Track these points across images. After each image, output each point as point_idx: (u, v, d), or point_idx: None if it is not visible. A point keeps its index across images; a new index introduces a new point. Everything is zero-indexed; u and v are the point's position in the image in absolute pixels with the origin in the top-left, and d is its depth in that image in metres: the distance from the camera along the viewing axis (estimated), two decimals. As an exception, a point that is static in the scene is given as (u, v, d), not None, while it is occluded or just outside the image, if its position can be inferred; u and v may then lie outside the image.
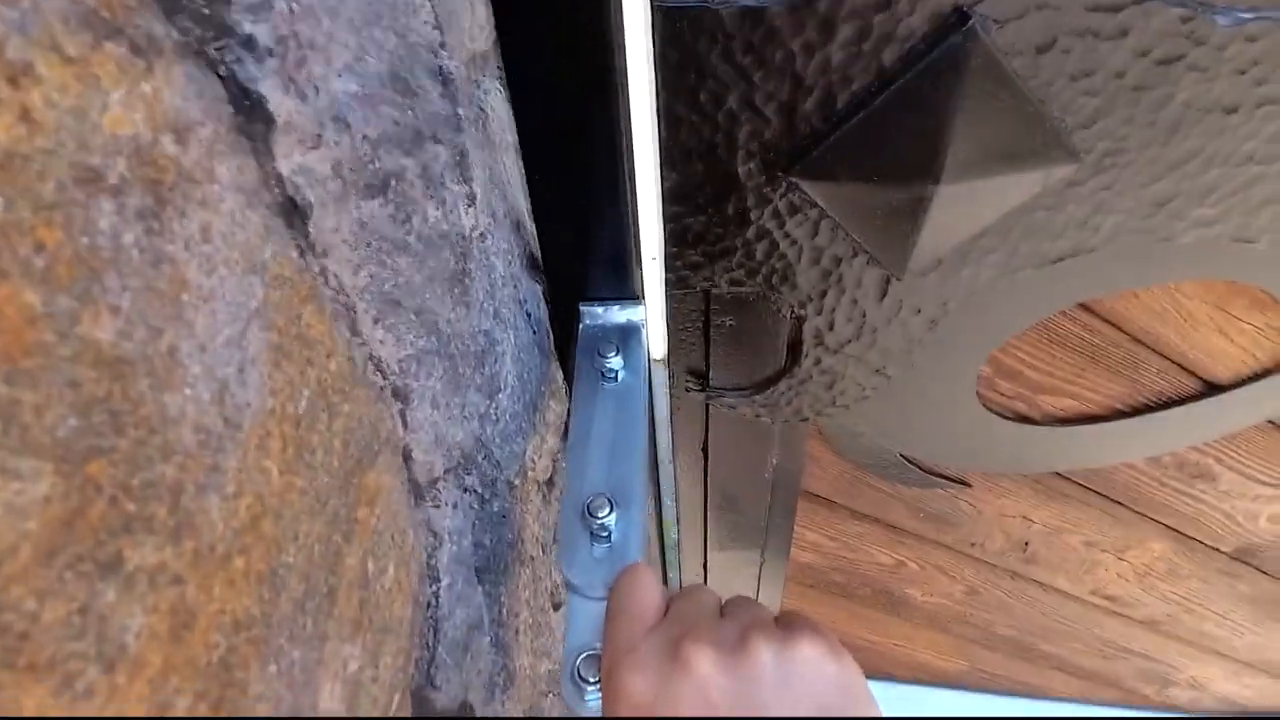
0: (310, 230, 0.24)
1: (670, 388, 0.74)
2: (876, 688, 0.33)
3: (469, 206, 0.44)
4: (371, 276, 0.29)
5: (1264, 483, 0.88)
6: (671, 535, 0.93)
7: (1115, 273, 0.59)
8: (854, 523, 1.00)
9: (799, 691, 0.30)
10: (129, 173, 0.16)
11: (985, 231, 0.56)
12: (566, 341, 0.70)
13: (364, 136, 0.28)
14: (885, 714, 0.32)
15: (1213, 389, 0.75)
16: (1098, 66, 0.44)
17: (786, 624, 0.33)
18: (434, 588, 0.34)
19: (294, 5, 0.24)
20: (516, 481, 0.54)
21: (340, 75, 0.27)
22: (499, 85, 0.52)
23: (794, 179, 0.51)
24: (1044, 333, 0.70)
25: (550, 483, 0.69)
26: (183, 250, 0.17)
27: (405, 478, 0.32)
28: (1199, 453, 0.85)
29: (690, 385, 0.75)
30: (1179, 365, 0.72)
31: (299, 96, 0.24)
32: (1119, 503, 0.94)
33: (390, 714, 0.27)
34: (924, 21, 0.43)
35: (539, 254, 0.63)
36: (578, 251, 0.61)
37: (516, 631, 0.47)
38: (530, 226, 0.63)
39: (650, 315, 0.69)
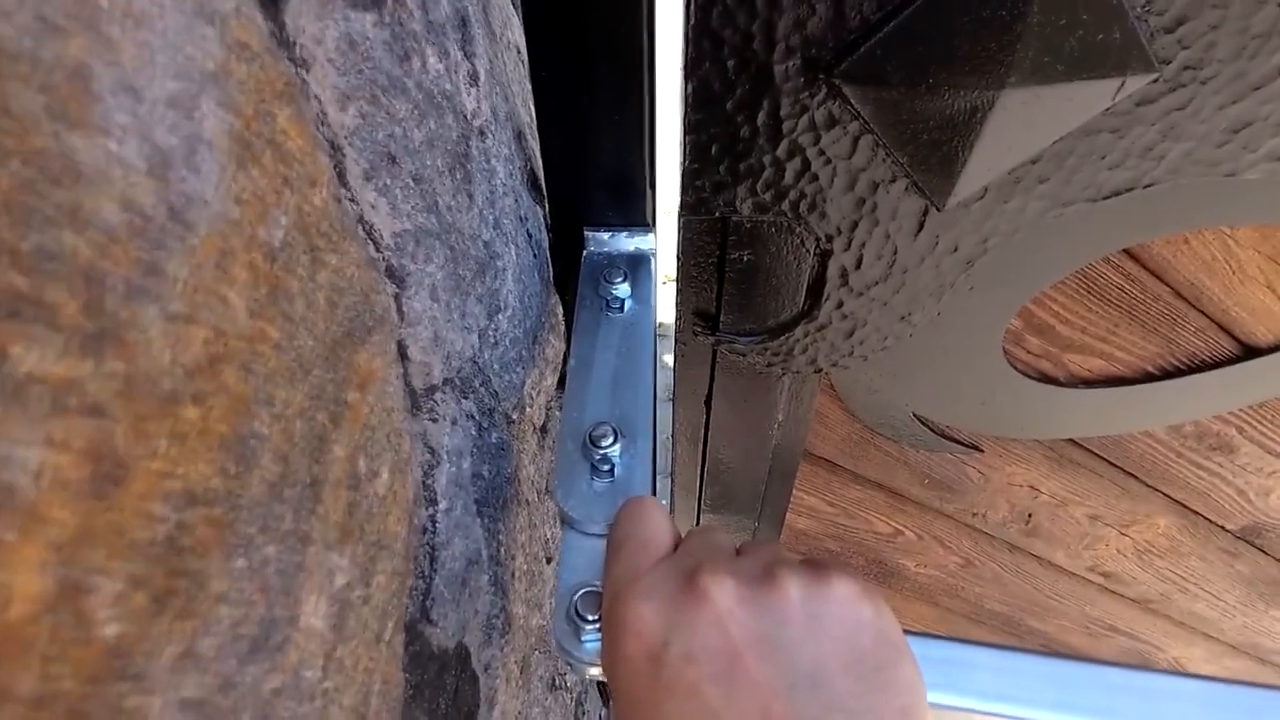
0: (286, 20, 0.19)
1: (677, 331, 0.70)
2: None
3: (471, 85, 0.39)
4: (363, 117, 0.24)
5: (1283, 456, 0.87)
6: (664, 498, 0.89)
7: (1172, 211, 0.56)
8: (855, 487, 0.97)
9: (830, 633, 0.26)
10: None
11: (1041, 155, 0.51)
12: (568, 273, 0.65)
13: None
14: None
15: (1249, 352, 0.72)
16: (1195, -46, 0.40)
17: (815, 562, 0.29)
18: (431, 511, 0.29)
19: None
20: (514, 416, 0.50)
21: None
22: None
23: (837, 81, 0.46)
24: (1083, 282, 0.66)
25: (544, 429, 0.65)
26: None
27: (401, 374, 0.27)
28: (1222, 422, 0.83)
29: (698, 328, 0.70)
30: (1218, 324, 0.70)
31: None
32: (1131, 475, 0.93)
33: (383, 643, 0.23)
34: (1007, -110, 0.38)
35: (541, 175, 0.58)
36: (584, 169, 0.56)
37: (513, 575, 0.43)
38: (533, 144, 0.57)
39: (660, 246, 0.64)
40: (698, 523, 1.00)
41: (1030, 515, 1.02)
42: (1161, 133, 0.50)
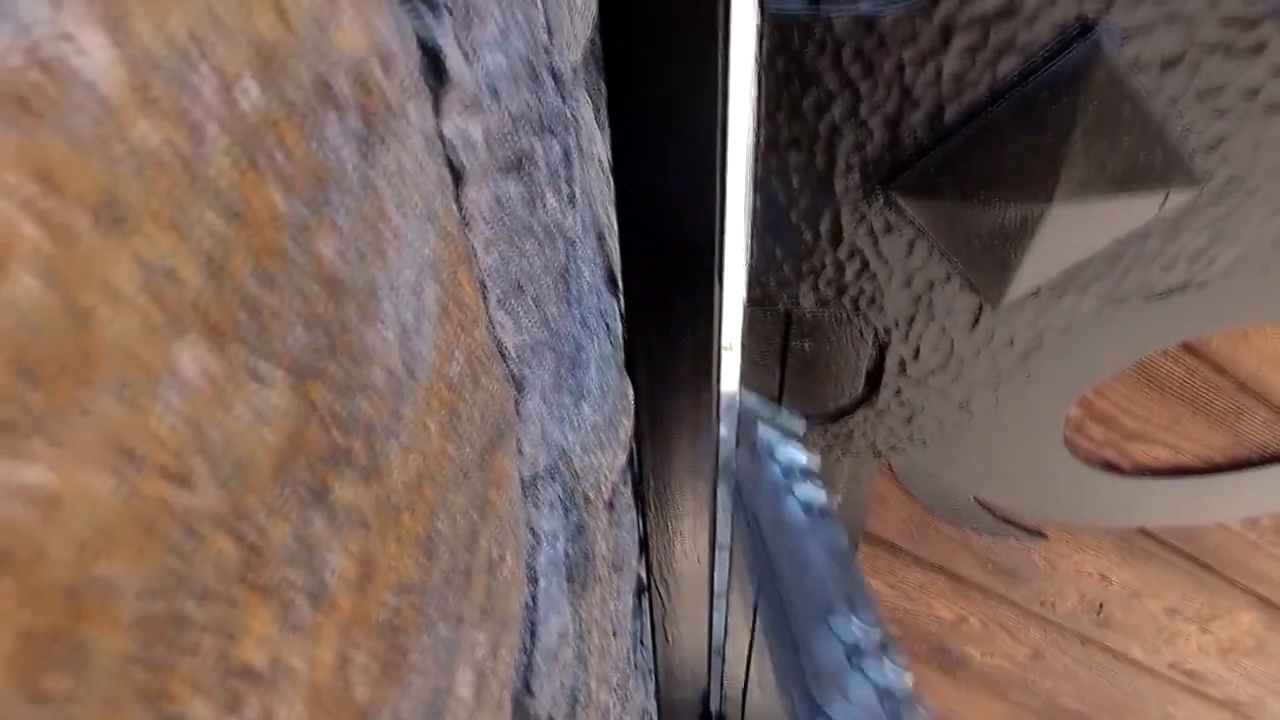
0: (464, 201, 0.24)
1: (739, 412, 0.73)
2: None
3: (570, 206, 0.44)
4: (501, 256, 0.29)
5: (1372, 551, 0.83)
6: (722, 571, 0.90)
7: (1228, 309, 0.57)
8: (917, 570, 0.96)
9: None
10: (349, 91, 0.15)
11: (1093, 258, 0.54)
12: (635, 360, 0.70)
13: (508, 111, 0.28)
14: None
15: (1322, 444, 0.71)
16: (1228, 83, 0.43)
17: None
18: (532, 589, 0.33)
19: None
20: (591, 495, 0.53)
21: (491, 48, 0.27)
22: (587, 97, 0.53)
23: (893, 194, 0.51)
24: (1142, 374, 0.67)
25: (611, 505, 0.68)
26: (383, 180, 0.17)
27: (518, 468, 0.31)
28: (1301, 514, 0.81)
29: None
30: (1286, 416, 0.69)
31: (465, 58, 0.24)
32: (1208, 566, 0.90)
33: (503, 711, 0.26)
34: (1045, 31, 0.42)
35: (619, 271, 0.63)
36: (659, 265, 0.61)
37: (590, 650, 0.46)
38: (611, 243, 0.63)
39: (728, 337, 0.68)
40: (757, 597, 1.00)
41: (1102, 606, 0.99)
42: (1211, 237, 0.52)
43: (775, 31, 0.45)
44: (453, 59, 0.22)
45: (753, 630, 1.14)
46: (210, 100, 0.11)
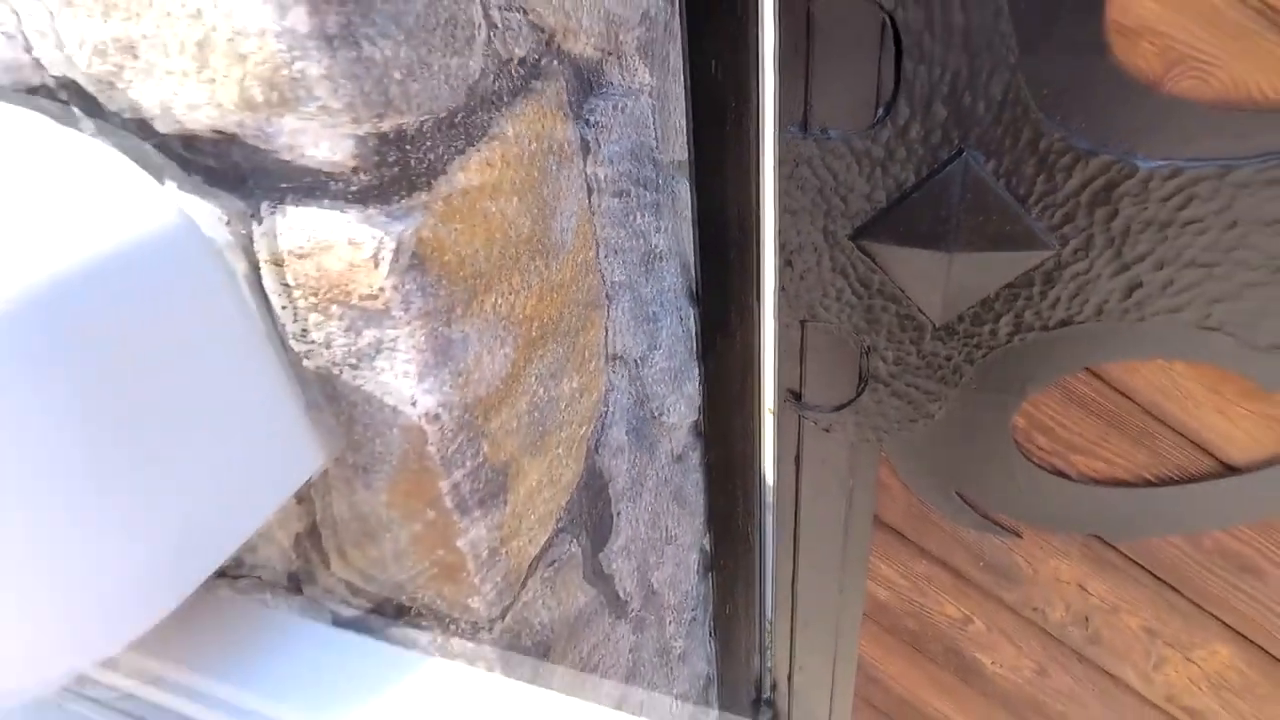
0: (593, 201, 0.62)
1: (774, 403, 1.04)
2: None
3: (656, 233, 0.82)
4: (610, 232, 0.66)
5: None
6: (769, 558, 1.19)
7: (1107, 344, 0.83)
8: (923, 562, 1.19)
9: None
10: (556, 149, 0.53)
11: (998, 296, 0.83)
12: (706, 354, 1.04)
13: (618, 169, 0.66)
14: None
15: (1230, 469, 0.91)
16: (1057, 188, 0.73)
17: None
18: (605, 408, 0.68)
19: (602, 117, 0.62)
20: (658, 416, 0.88)
21: (612, 142, 0.65)
22: (687, 181, 0.91)
23: (857, 242, 0.83)
24: (1065, 393, 0.92)
25: (681, 458, 1.02)
26: (564, 181, 0.54)
27: (604, 338, 0.67)
28: (1239, 542, 0.99)
29: (787, 402, 1.04)
30: (1192, 442, 0.91)
31: (598, 144, 0.62)
32: (1171, 586, 1.06)
33: (583, 428, 0.61)
34: (932, 153, 0.75)
35: (697, 290, 0.99)
36: (721, 289, 0.97)
37: (638, 495, 0.79)
38: (693, 272, 1.00)
39: (764, 343, 1.02)
40: (795, 569, 1.27)
41: (1088, 618, 1.16)
42: (1076, 288, 0.79)
43: (784, 144, 0.81)
44: (592, 144, 0.60)
45: (793, 615, 1.37)
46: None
